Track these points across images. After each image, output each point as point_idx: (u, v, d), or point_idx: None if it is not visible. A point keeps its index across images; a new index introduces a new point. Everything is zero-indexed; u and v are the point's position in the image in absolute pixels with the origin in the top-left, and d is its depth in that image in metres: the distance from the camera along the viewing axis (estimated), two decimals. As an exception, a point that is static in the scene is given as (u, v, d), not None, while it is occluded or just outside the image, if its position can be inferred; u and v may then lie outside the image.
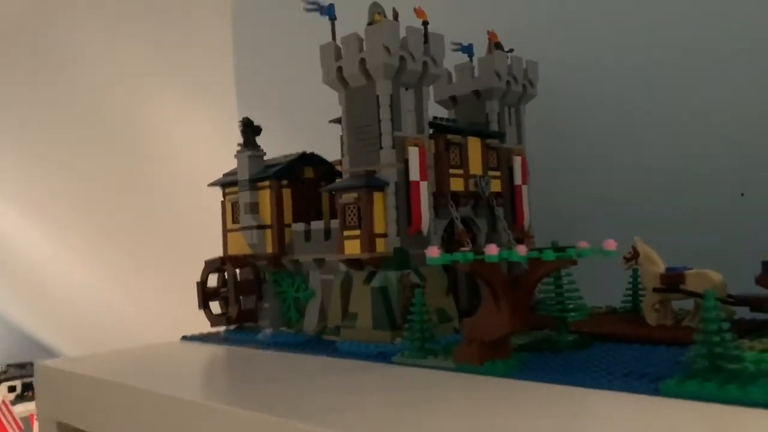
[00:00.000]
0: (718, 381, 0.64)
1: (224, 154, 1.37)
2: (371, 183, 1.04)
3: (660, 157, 1.31)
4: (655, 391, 0.66)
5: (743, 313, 0.95)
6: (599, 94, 1.40)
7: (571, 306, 0.94)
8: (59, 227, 3.06)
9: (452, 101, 1.32)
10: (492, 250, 0.74)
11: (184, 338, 1.30)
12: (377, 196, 1.04)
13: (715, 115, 1.25)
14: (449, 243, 1.13)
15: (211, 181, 1.34)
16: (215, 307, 1.31)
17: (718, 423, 0.58)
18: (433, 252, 0.77)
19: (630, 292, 1.12)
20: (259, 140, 1.29)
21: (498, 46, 1.25)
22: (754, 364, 0.69)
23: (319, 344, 1.09)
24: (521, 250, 0.77)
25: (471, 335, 0.82)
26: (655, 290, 0.97)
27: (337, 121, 1.16)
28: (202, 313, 1.30)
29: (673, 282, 0.95)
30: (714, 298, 0.67)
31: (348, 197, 1.05)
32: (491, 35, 1.26)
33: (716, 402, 0.62)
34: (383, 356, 0.94)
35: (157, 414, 0.85)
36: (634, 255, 1.00)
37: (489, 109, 1.25)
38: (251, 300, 1.25)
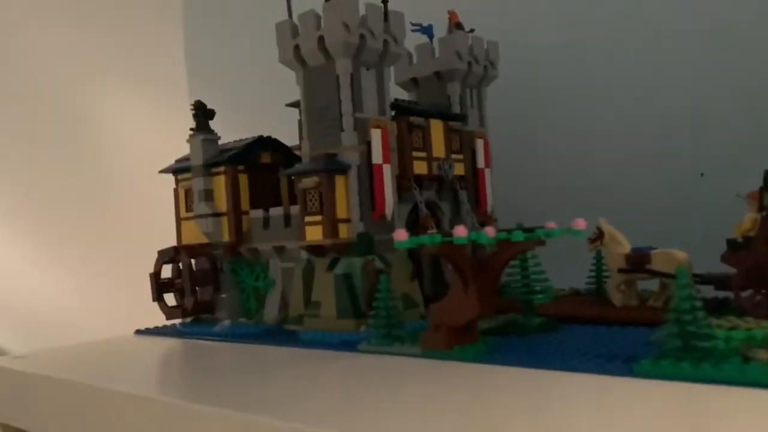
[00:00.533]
0: (692, 360, 0.63)
1: (176, 140, 1.31)
2: (333, 166, 1.00)
3: (620, 139, 1.31)
4: (630, 372, 0.65)
5: (706, 291, 0.95)
6: (560, 76, 1.39)
7: (537, 288, 0.92)
8: (4, 222, 2.92)
9: (413, 83, 1.29)
10: (460, 232, 0.72)
11: (138, 332, 1.24)
12: (339, 180, 1.01)
13: (674, 97, 1.25)
14: (414, 228, 1.11)
15: (163, 167, 1.28)
16: (170, 299, 1.26)
17: (694, 401, 0.57)
18: (401, 235, 0.74)
19: (594, 274, 1.11)
20: (213, 125, 1.24)
21: (459, 26, 1.23)
22: (724, 342, 0.69)
23: (280, 334, 1.05)
24: (490, 231, 0.74)
25: (438, 320, 0.80)
26: (620, 271, 0.96)
27: (295, 104, 1.12)
28: (156, 305, 1.25)
29: (639, 262, 0.94)
30: (685, 276, 0.66)
31: (308, 181, 1.02)
32: (452, 15, 1.23)
33: (691, 381, 0.61)
34: (348, 345, 0.91)
35: (111, 412, 0.80)
36: (599, 236, 0.99)
37: (450, 90, 1.23)
38: (208, 291, 1.20)
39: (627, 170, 1.30)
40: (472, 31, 1.24)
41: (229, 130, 1.29)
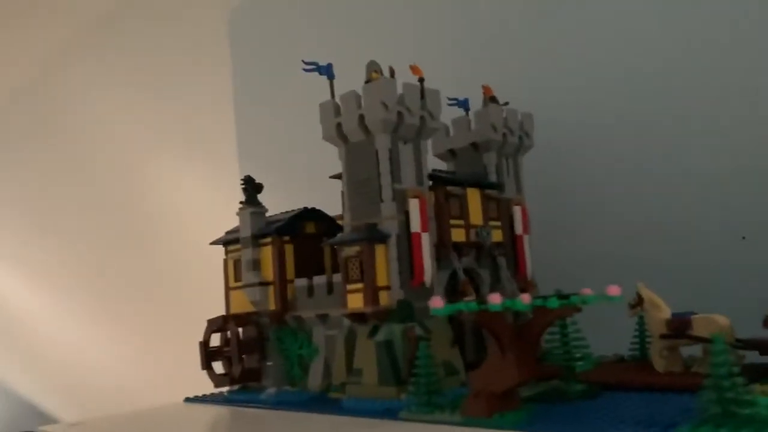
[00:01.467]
0: (732, 427, 0.63)
1: (226, 213, 1.38)
2: (373, 235, 1.04)
3: (659, 203, 1.32)
4: (668, 439, 0.65)
5: (753, 357, 0.93)
6: (597, 144, 1.42)
7: (577, 355, 0.92)
8: (58, 290, 3.05)
9: (451, 154, 1.34)
10: (495, 299, 0.74)
11: (188, 400, 1.28)
12: (379, 249, 1.05)
13: (712, 161, 1.26)
14: (453, 294, 1.13)
15: (213, 239, 1.35)
16: (218, 367, 1.29)
17: (734, 470, 0.56)
18: (437, 303, 0.77)
19: (637, 340, 1.11)
20: (261, 198, 1.30)
21: (493, 99, 1.28)
22: (767, 408, 0.68)
23: (323, 402, 1.07)
24: (525, 298, 0.76)
25: (478, 387, 0.81)
26: (662, 336, 0.96)
27: (338, 176, 1.17)
28: (205, 373, 1.28)
29: (679, 328, 0.94)
30: (722, 342, 0.66)
31: (350, 250, 1.06)
32: (486, 89, 1.29)
33: (731, 448, 0.60)
34: (389, 412, 0.92)
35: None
36: (639, 301, 0.99)
37: (487, 160, 1.27)
38: (254, 359, 1.24)
39: (667, 234, 1.30)
40: (506, 104, 1.29)
41: (276, 203, 1.35)
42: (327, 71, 1.14)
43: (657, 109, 1.33)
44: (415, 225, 1.07)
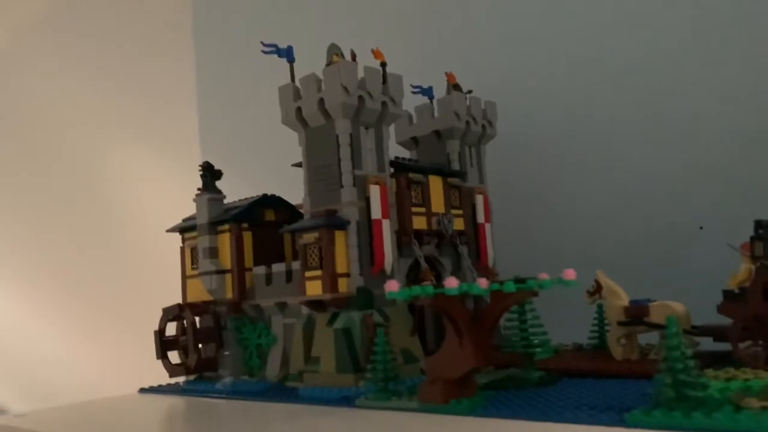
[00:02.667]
0: (684, 409, 0.63)
1: (185, 200, 1.34)
2: (332, 222, 1.02)
3: (620, 194, 1.33)
4: (622, 422, 0.64)
5: (709, 344, 0.94)
6: (560, 135, 1.42)
7: (536, 342, 0.92)
8: (8, 280, 2.96)
9: (414, 142, 1.33)
10: (452, 283, 0.73)
11: (142, 390, 1.25)
12: (339, 235, 1.03)
13: (672, 151, 1.27)
14: (414, 283, 1.11)
15: (170, 226, 1.31)
16: (174, 356, 1.26)
17: (685, 451, 0.56)
18: (393, 286, 0.75)
19: (596, 328, 1.11)
20: (226, 187, 1.27)
21: (456, 87, 1.27)
22: (719, 392, 0.68)
23: (281, 391, 1.05)
24: (482, 282, 0.75)
25: (434, 373, 0.80)
26: (619, 323, 0.96)
27: (300, 164, 1.15)
28: (160, 363, 1.25)
29: (637, 315, 0.94)
30: (675, 326, 0.66)
31: (309, 237, 1.04)
32: (449, 77, 1.28)
33: (683, 430, 0.60)
34: (347, 400, 0.91)
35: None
36: (597, 289, 1.00)
37: (450, 149, 1.26)
38: (211, 348, 1.21)
39: (627, 223, 1.31)
40: (470, 92, 1.28)
41: (240, 192, 1.33)
42: (287, 54, 1.11)
43: (619, 104, 1.34)
44: (376, 212, 1.05)
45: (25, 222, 2.53)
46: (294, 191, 1.28)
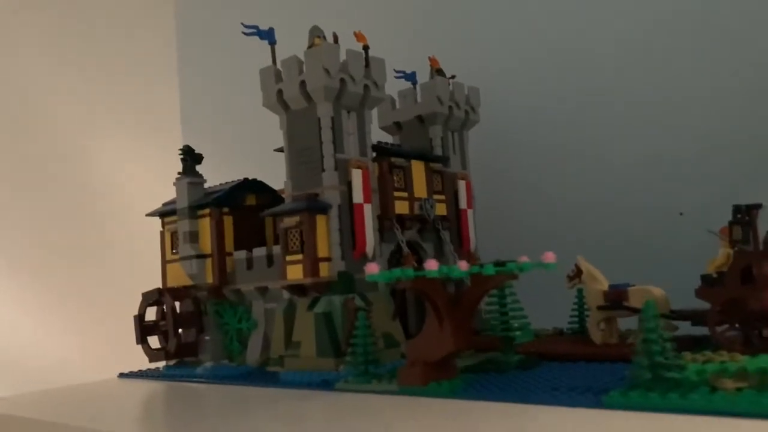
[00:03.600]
0: (661, 390, 0.63)
1: (166, 184, 1.33)
2: (313, 206, 1.02)
3: (601, 179, 1.34)
4: (599, 404, 0.65)
5: (687, 328, 0.95)
6: (541, 122, 1.42)
7: (515, 326, 0.92)
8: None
9: (397, 127, 1.32)
10: (432, 265, 0.73)
11: (122, 375, 1.24)
12: (320, 219, 1.02)
13: (652, 139, 1.28)
14: (396, 267, 1.11)
15: (150, 210, 1.30)
16: (154, 341, 1.25)
17: (661, 430, 0.57)
18: (373, 268, 0.75)
19: (576, 313, 1.12)
20: (208, 171, 1.26)
21: (439, 72, 1.26)
22: (696, 374, 0.69)
23: (261, 376, 1.05)
24: (462, 265, 0.75)
25: (414, 356, 0.80)
26: (599, 308, 0.97)
27: (282, 149, 1.14)
28: (140, 348, 1.24)
29: (616, 299, 0.95)
30: (653, 309, 0.66)
31: (290, 221, 1.03)
32: (432, 61, 1.27)
33: (659, 411, 0.61)
34: (327, 384, 0.91)
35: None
36: (577, 273, 1.00)
37: (432, 134, 1.25)
38: (191, 333, 1.20)
39: (608, 209, 1.31)
40: (453, 77, 1.28)
41: (221, 175, 1.31)
42: (268, 36, 1.10)
43: (602, 92, 1.34)
44: (358, 196, 1.05)
45: (3, 208, 2.49)
46: (276, 176, 1.27)
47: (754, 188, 1.13)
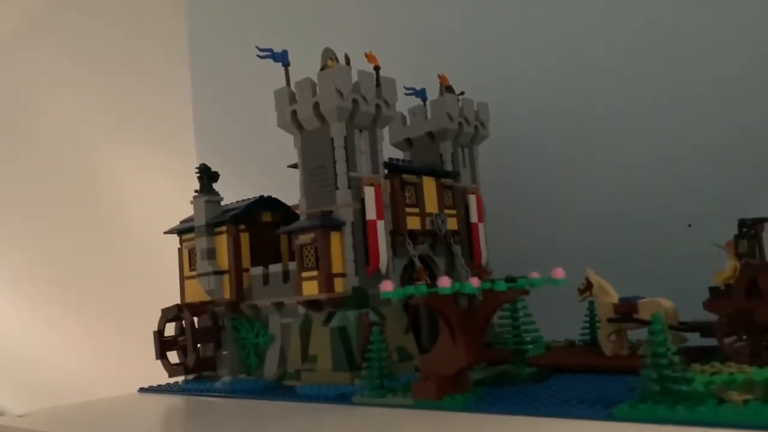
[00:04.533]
0: (669, 403, 0.65)
1: (182, 201, 1.36)
2: (328, 223, 1.04)
3: (610, 193, 1.35)
4: (609, 416, 0.66)
5: (697, 340, 0.96)
6: (550, 136, 1.44)
7: (528, 339, 0.94)
8: (7, 280, 2.98)
9: (407, 143, 1.35)
10: (444, 282, 0.75)
11: (142, 390, 1.26)
12: (334, 236, 1.05)
13: (661, 151, 1.30)
14: (409, 282, 1.14)
15: (168, 228, 1.33)
16: (173, 356, 1.28)
17: (668, 443, 0.59)
18: (388, 286, 0.77)
19: (587, 325, 1.13)
20: (223, 188, 1.29)
21: (449, 89, 1.29)
22: (704, 386, 0.70)
23: (278, 390, 1.07)
24: (474, 281, 0.77)
25: (428, 371, 0.82)
26: (609, 320, 0.98)
27: (296, 165, 1.17)
28: (159, 363, 1.27)
29: (626, 311, 0.97)
30: (661, 322, 0.68)
31: (305, 238, 1.06)
32: (442, 78, 1.30)
33: (667, 423, 0.62)
34: (343, 397, 0.93)
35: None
36: (588, 286, 1.02)
37: (443, 149, 1.28)
38: (210, 348, 1.23)
39: (618, 222, 1.33)
40: (462, 93, 1.30)
41: (235, 192, 1.34)
42: (282, 58, 1.13)
43: (609, 103, 1.36)
44: (371, 213, 1.07)
45: (22, 221, 2.54)
46: (290, 192, 1.30)
47: (764, 200, 1.15)
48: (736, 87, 1.21)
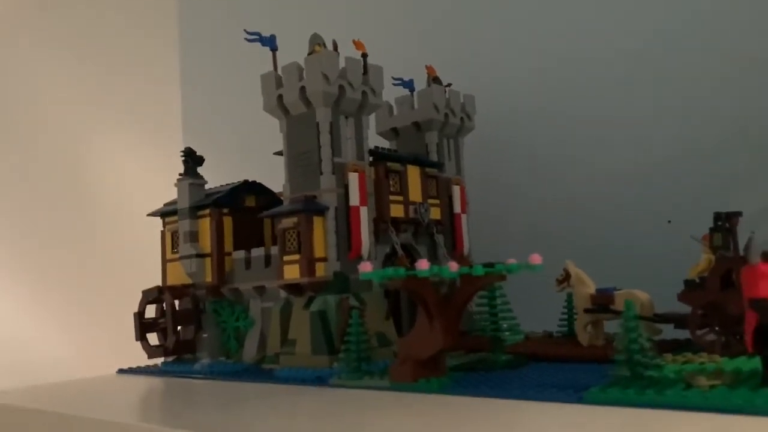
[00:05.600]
0: (638, 387, 0.66)
1: (167, 184, 1.36)
2: (311, 207, 1.05)
3: (592, 187, 1.37)
4: (580, 399, 0.68)
5: (673, 332, 0.98)
6: (534, 129, 1.45)
7: (505, 326, 0.95)
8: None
9: (394, 133, 1.35)
10: (423, 265, 0.76)
11: (121, 371, 1.26)
12: (317, 221, 1.05)
13: (642, 149, 1.31)
14: (390, 269, 1.14)
15: (152, 210, 1.33)
16: (153, 338, 1.28)
17: (636, 424, 0.60)
18: (366, 267, 0.78)
19: (566, 317, 1.14)
20: (209, 173, 1.29)
21: (436, 80, 1.29)
22: (674, 373, 0.72)
23: (257, 372, 1.08)
24: (452, 266, 0.78)
25: (405, 354, 0.83)
26: (585, 311, 1.00)
27: (282, 153, 1.17)
28: (139, 344, 1.27)
29: (602, 302, 0.98)
30: (633, 310, 0.69)
31: (287, 222, 1.06)
32: (429, 69, 1.31)
33: (636, 406, 0.64)
34: (321, 380, 0.93)
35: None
36: (566, 277, 1.03)
37: (428, 140, 1.29)
38: (190, 330, 1.23)
39: (598, 215, 1.34)
40: (449, 85, 1.31)
41: (221, 177, 1.34)
42: (270, 42, 1.13)
43: (593, 99, 1.38)
44: (354, 199, 1.08)
45: (4, 203, 2.52)
46: (275, 179, 1.30)
47: (744, 195, 1.17)
48: (715, 84, 1.23)
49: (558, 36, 1.43)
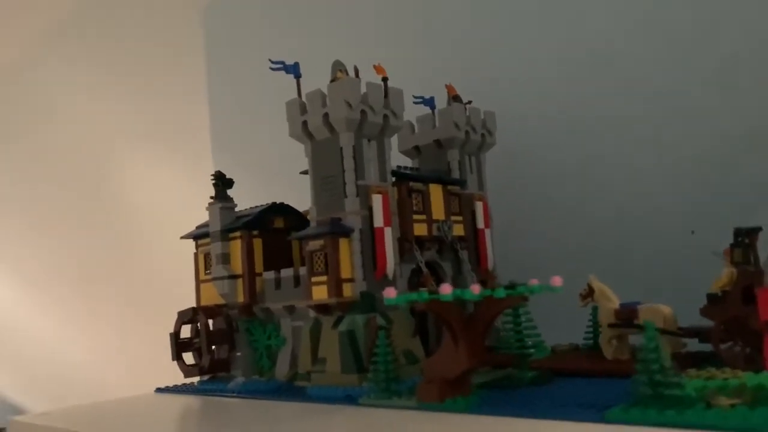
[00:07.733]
0: (659, 407, 0.67)
1: (199, 207, 1.40)
2: (337, 229, 1.08)
3: (614, 200, 1.37)
4: (602, 419, 0.69)
5: (696, 345, 0.99)
6: (555, 143, 1.47)
7: (530, 343, 0.97)
8: (29, 283, 3.05)
9: (416, 151, 1.38)
10: (446, 289, 0.78)
11: (158, 390, 1.31)
12: (343, 242, 1.09)
13: (664, 159, 1.32)
14: (416, 287, 1.17)
15: (185, 233, 1.38)
16: (189, 358, 1.32)
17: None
18: (390, 293, 0.81)
19: (591, 329, 1.16)
20: (236, 193, 1.33)
21: (456, 98, 1.32)
22: (696, 390, 0.73)
23: (290, 390, 1.11)
24: (475, 288, 0.81)
25: (431, 374, 0.86)
26: (610, 326, 1.01)
27: (308, 172, 1.21)
28: (175, 364, 1.31)
29: (626, 317, 0.99)
30: (652, 329, 0.71)
31: (315, 244, 1.09)
32: (449, 89, 1.33)
33: (657, 426, 0.65)
34: (351, 399, 0.96)
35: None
36: (590, 292, 1.04)
37: (450, 157, 1.31)
38: (224, 349, 1.27)
39: (622, 229, 1.35)
40: (469, 102, 1.33)
41: (250, 198, 1.38)
42: (294, 70, 1.17)
43: (615, 111, 1.38)
44: (378, 220, 1.11)
45: (44, 226, 2.61)
46: (302, 198, 1.34)
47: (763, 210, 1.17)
48: (742, 94, 1.23)
49: (583, 44, 1.43)
